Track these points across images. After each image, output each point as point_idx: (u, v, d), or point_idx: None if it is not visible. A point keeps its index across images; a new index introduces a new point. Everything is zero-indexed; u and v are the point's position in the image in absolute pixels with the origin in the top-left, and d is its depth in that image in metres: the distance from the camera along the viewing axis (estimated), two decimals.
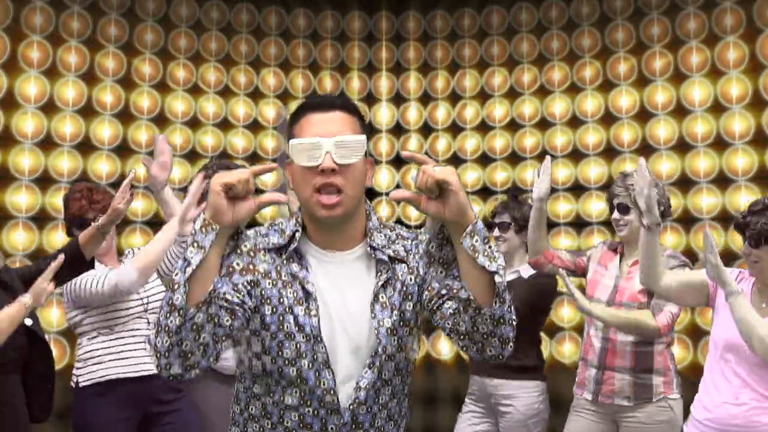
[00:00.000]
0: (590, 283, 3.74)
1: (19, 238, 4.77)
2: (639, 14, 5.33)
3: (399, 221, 5.78)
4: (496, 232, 4.10)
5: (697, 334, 5.09)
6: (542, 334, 4.27)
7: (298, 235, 1.95)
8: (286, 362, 1.89)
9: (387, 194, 5.91)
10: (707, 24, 5.08)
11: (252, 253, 1.92)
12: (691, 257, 5.04)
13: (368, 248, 1.97)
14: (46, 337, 3.44)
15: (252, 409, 1.98)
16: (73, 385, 3.51)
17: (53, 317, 4.90)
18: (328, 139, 1.84)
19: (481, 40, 5.78)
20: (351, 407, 1.90)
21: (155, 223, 5.25)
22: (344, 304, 1.93)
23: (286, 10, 5.76)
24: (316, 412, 1.90)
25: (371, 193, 5.85)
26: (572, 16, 5.56)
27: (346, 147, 1.85)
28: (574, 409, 3.74)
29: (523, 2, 5.69)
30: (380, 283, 1.95)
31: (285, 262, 1.92)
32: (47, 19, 4.94)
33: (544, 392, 3.99)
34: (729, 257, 4.85)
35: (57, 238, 4.88)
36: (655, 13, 5.28)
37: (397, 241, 2.01)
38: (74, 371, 3.52)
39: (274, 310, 1.90)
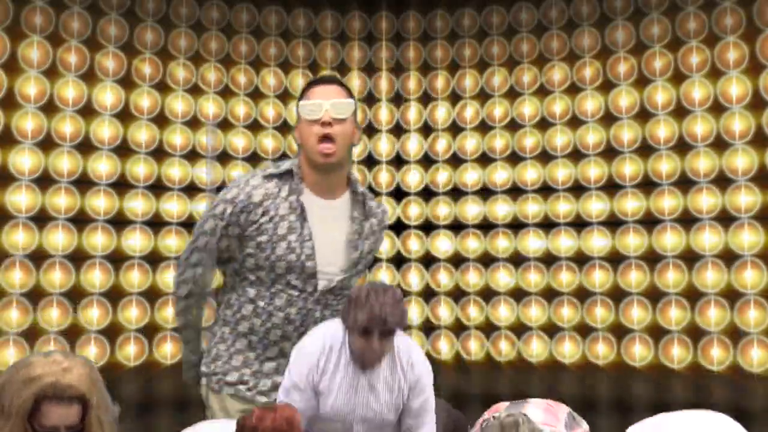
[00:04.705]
0: None
1: (19, 238, 4.77)
2: (639, 14, 5.32)
3: (369, 188, 5.81)
4: None
5: (696, 334, 5.09)
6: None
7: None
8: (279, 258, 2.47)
9: (387, 193, 5.92)
10: (707, 24, 5.08)
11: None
12: (691, 257, 5.05)
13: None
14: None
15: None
16: None
17: (53, 317, 4.89)
18: (326, 101, 2.46)
19: (481, 40, 5.78)
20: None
21: (155, 224, 5.25)
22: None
23: (286, 10, 5.76)
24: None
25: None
26: (572, 16, 5.55)
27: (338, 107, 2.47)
28: None
29: (523, 2, 5.69)
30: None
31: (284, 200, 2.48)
32: (47, 19, 4.94)
33: None
34: (730, 258, 4.87)
35: (57, 238, 4.88)
36: (655, 13, 5.28)
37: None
38: None
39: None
